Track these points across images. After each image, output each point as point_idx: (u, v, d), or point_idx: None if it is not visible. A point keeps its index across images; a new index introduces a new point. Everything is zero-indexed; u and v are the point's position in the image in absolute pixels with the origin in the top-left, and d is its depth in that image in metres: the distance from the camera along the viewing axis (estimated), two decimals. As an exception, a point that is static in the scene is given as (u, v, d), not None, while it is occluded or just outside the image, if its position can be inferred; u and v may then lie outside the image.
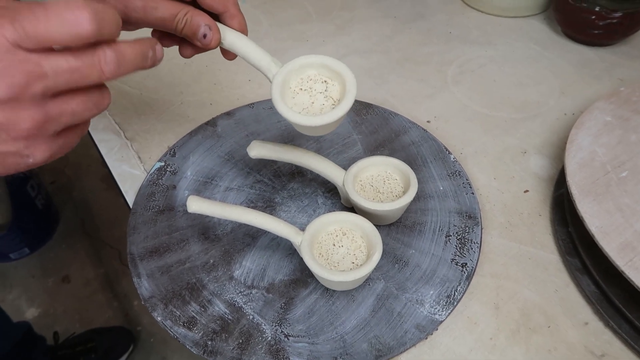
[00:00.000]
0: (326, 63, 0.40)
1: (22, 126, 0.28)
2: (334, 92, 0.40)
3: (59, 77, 0.27)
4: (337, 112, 0.38)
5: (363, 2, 0.82)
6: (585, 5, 0.66)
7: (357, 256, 0.44)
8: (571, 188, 0.46)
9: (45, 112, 0.28)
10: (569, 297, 0.45)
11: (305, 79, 0.41)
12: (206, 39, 0.37)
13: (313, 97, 0.40)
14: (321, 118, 0.38)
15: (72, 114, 0.29)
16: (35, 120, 0.28)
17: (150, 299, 0.44)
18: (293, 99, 0.40)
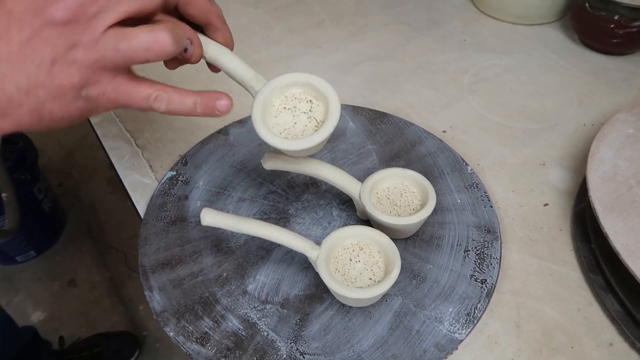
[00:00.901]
0: (311, 82, 0.39)
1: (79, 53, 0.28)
2: (318, 113, 0.39)
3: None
4: (317, 137, 0.37)
5: (376, 8, 0.81)
6: (604, 13, 0.65)
7: (374, 272, 0.42)
8: (594, 203, 0.45)
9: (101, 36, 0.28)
10: (592, 316, 0.44)
11: (289, 97, 0.39)
12: (187, 53, 0.35)
13: (296, 117, 0.39)
14: (299, 143, 0.37)
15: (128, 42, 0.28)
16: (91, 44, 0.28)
17: (162, 314, 0.43)
18: (275, 118, 0.39)
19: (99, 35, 0.28)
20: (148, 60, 0.30)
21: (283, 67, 0.70)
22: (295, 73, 0.39)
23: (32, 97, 0.28)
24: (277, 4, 0.82)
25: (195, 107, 0.33)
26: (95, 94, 0.30)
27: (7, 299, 1.32)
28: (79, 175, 1.65)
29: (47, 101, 0.29)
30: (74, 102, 0.30)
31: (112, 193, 1.58)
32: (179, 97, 0.32)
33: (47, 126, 0.30)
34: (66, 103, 0.29)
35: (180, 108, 0.33)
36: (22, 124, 0.30)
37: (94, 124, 0.62)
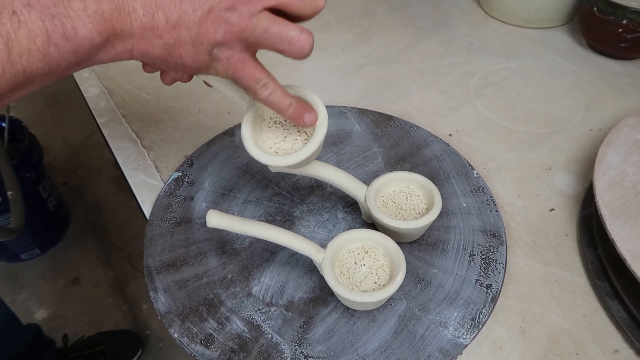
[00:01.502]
0: (300, 94, 0.39)
1: (233, 16, 0.30)
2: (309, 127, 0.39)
3: None
4: (304, 152, 0.37)
5: (383, 11, 0.81)
6: (612, 18, 0.65)
7: (379, 276, 0.42)
8: (601, 209, 0.45)
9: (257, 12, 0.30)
10: (598, 322, 0.43)
11: None
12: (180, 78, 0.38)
13: (287, 130, 0.40)
14: (287, 159, 0.37)
15: (279, 29, 0.31)
16: (247, 15, 0.30)
17: (167, 315, 0.43)
18: (266, 132, 0.40)
19: (256, 11, 0.30)
20: (282, 52, 0.32)
21: (289, 69, 0.70)
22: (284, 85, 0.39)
23: (175, 33, 0.30)
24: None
25: (289, 108, 0.35)
26: (224, 56, 0.32)
27: (11, 296, 1.32)
28: (84, 173, 1.65)
29: (184, 42, 0.31)
30: (203, 54, 0.32)
31: (116, 192, 1.58)
32: (282, 93, 0.35)
33: (168, 65, 0.33)
34: (197, 52, 0.32)
35: (277, 102, 0.35)
36: (150, 54, 0.31)
37: (100, 124, 0.63)
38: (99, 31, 0.28)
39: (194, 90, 0.66)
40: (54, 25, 0.27)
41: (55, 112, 1.88)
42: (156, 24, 0.30)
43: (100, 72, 0.69)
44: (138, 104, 0.65)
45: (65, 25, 0.27)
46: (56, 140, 1.76)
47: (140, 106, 0.64)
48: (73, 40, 0.28)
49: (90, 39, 0.28)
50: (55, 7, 0.27)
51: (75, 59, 0.29)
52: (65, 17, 0.27)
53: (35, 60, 0.27)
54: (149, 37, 0.30)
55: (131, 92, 0.66)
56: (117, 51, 0.30)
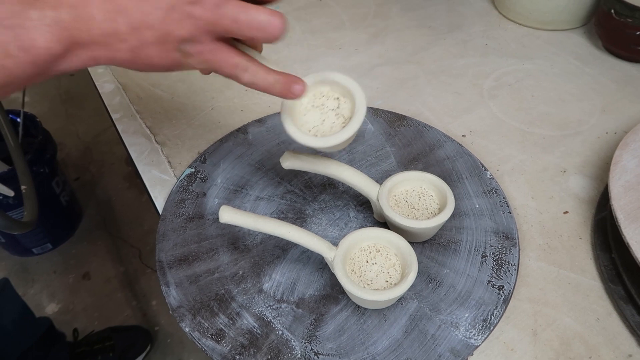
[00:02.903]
0: (338, 80, 0.39)
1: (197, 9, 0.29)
2: (345, 110, 0.40)
3: None
4: (344, 134, 0.38)
5: (397, 11, 0.81)
6: (630, 20, 0.64)
7: (391, 274, 0.42)
8: (616, 212, 0.44)
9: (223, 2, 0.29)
10: (611, 326, 0.43)
11: (317, 95, 0.40)
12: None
13: (324, 114, 0.40)
14: (328, 140, 0.38)
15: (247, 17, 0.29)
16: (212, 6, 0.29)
17: (178, 309, 0.44)
18: (304, 117, 0.40)
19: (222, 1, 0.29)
20: (253, 39, 0.31)
21: (303, 67, 0.70)
22: (322, 72, 0.39)
23: (138, 35, 0.29)
24: (298, 5, 0.82)
25: (274, 85, 0.34)
26: (194, 51, 0.31)
27: (23, 290, 1.34)
28: (96, 170, 1.67)
29: (149, 44, 0.29)
30: (172, 52, 0.30)
31: (128, 188, 1.60)
32: (264, 72, 0.33)
33: (138, 68, 0.31)
34: (165, 50, 0.30)
35: (261, 82, 0.34)
36: (117, 60, 0.30)
37: (114, 119, 0.63)
38: (58, 41, 0.27)
39: (207, 88, 0.67)
40: (10, 37, 0.26)
41: (69, 109, 1.90)
42: (117, 28, 0.28)
43: (115, 68, 0.70)
44: (152, 100, 0.65)
45: (22, 36, 0.26)
46: (69, 136, 1.78)
47: (154, 102, 0.65)
48: (30, 51, 0.27)
49: (48, 49, 0.27)
50: (12, 18, 0.26)
51: (34, 70, 0.28)
52: (21, 28, 0.26)
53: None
54: (112, 43, 0.29)
55: (145, 88, 0.67)
56: (81, 59, 0.29)
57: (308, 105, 0.40)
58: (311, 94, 0.40)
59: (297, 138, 0.38)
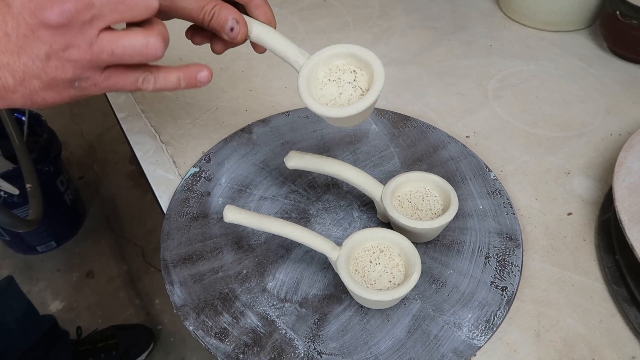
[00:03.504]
0: (354, 52, 0.39)
1: (73, 53, 0.29)
2: (363, 82, 0.39)
3: (105, 7, 0.29)
4: (363, 102, 0.37)
5: (401, 11, 0.81)
6: (635, 22, 0.64)
7: (394, 275, 0.42)
8: (620, 214, 0.44)
9: (95, 39, 0.29)
10: (614, 328, 0.43)
11: (333, 69, 0.40)
12: (233, 33, 0.36)
13: (341, 87, 0.39)
14: (346, 109, 0.37)
15: (123, 48, 0.30)
16: (85, 47, 0.29)
17: (182, 308, 0.44)
18: (320, 90, 0.39)
19: (93, 39, 0.29)
20: (139, 63, 0.31)
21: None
22: (337, 45, 0.39)
23: (27, 85, 0.30)
24: (302, 5, 0.82)
25: (179, 82, 0.35)
26: (88, 85, 0.31)
27: (27, 287, 1.35)
28: (100, 168, 1.67)
29: (40, 90, 0.30)
30: (66, 90, 0.31)
31: (131, 187, 1.60)
32: (164, 75, 0.34)
33: (37, 107, 0.32)
34: (58, 92, 0.31)
35: (166, 85, 0.34)
36: (15, 105, 0.31)
37: (120, 119, 0.63)
38: None
39: (211, 88, 0.67)
40: None
41: (74, 108, 1.90)
42: (5, 82, 0.29)
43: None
44: (157, 99, 0.65)
45: None
46: (74, 135, 1.79)
47: (159, 102, 0.65)
48: None
49: None
50: None
51: None
52: None
53: None
54: (4, 95, 0.30)
55: (151, 88, 0.67)
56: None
57: (324, 79, 0.39)
58: (327, 68, 0.40)
59: (315, 109, 0.37)
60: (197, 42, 0.40)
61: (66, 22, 0.28)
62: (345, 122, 0.39)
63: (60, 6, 0.27)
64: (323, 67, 0.39)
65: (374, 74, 0.38)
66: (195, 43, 0.40)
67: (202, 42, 0.40)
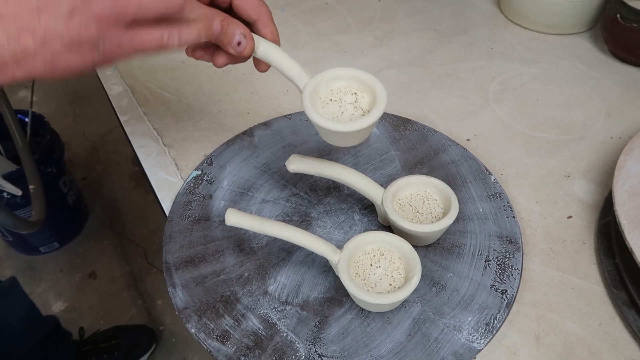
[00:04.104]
0: (356, 75, 0.40)
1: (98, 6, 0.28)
2: (364, 104, 0.40)
3: None
4: (368, 119, 0.38)
5: (403, 14, 0.81)
6: (636, 25, 0.64)
7: (394, 278, 0.43)
8: (620, 218, 0.44)
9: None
10: (614, 332, 0.43)
11: (335, 90, 0.41)
12: (240, 47, 0.37)
13: (342, 107, 0.40)
14: (351, 124, 0.38)
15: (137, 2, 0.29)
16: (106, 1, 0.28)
17: (184, 310, 0.44)
18: (322, 109, 0.40)
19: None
20: (164, 12, 0.31)
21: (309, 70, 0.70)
22: (339, 67, 0.40)
23: (48, 47, 0.28)
24: (304, 8, 0.83)
25: (200, 32, 0.34)
26: (112, 45, 0.30)
27: (30, 288, 1.35)
28: (103, 169, 1.68)
29: (62, 52, 0.29)
30: (90, 53, 0.30)
31: (134, 188, 1.61)
32: (187, 30, 0.33)
33: (59, 76, 0.30)
34: (82, 54, 0.30)
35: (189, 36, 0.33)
36: (35, 73, 0.30)
37: (122, 121, 0.64)
38: None
39: (214, 91, 0.67)
40: None
41: (77, 109, 1.91)
42: (24, 46, 0.28)
43: (123, 70, 0.71)
44: (159, 102, 0.66)
45: None
46: (76, 135, 1.80)
47: (161, 105, 0.65)
48: None
49: None
50: None
51: None
52: None
53: None
54: (24, 61, 0.29)
55: (153, 90, 0.67)
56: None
57: (326, 99, 0.40)
58: (328, 89, 0.40)
59: (318, 122, 0.38)
60: (198, 56, 0.40)
61: None
62: (347, 138, 0.39)
63: None
64: (325, 88, 0.40)
65: (377, 93, 0.39)
66: (195, 57, 0.40)
67: (202, 57, 0.41)
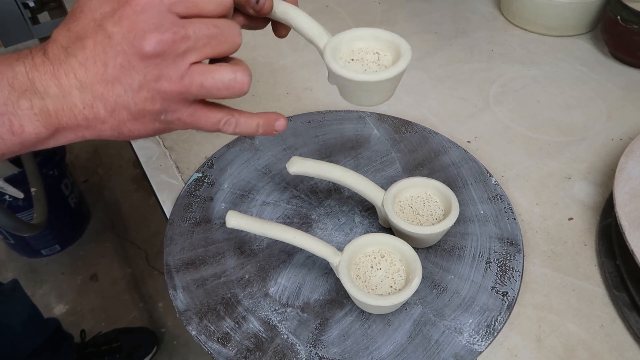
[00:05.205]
0: (377, 35, 0.38)
1: (164, 84, 0.30)
2: (386, 62, 0.39)
3: (199, 40, 0.30)
4: (394, 69, 0.36)
5: (403, 16, 0.82)
6: (636, 27, 0.64)
7: (395, 280, 0.43)
8: (621, 219, 0.44)
9: (186, 72, 0.30)
10: (615, 333, 0.43)
11: (356, 50, 0.39)
12: (259, 4, 0.36)
13: (365, 65, 0.39)
14: (379, 74, 0.36)
15: (212, 80, 0.31)
16: (177, 78, 0.30)
17: (185, 312, 0.44)
18: (345, 68, 0.38)
19: (185, 71, 0.30)
20: (225, 97, 0.32)
21: (309, 72, 0.70)
22: (360, 28, 0.39)
23: (116, 116, 0.31)
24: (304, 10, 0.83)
25: (258, 128, 0.36)
26: (173, 119, 0.32)
27: (32, 290, 1.35)
28: (104, 172, 1.68)
29: (128, 121, 0.31)
30: (152, 123, 0.32)
31: (135, 191, 1.61)
32: (245, 121, 0.35)
33: (123, 139, 0.33)
34: (144, 124, 0.32)
35: (245, 130, 0.36)
36: (103, 136, 0.33)
37: (123, 124, 0.64)
38: (46, 127, 0.30)
39: (215, 93, 0.67)
40: (2, 122, 0.29)
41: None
42: (97, 113, 0.31)
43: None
44: (161, 105, 0.66)
45: (13, 122, 0.29)
46: (78, 138, 1.80)
47: (162, 107, 0.65)
48: (20, 135, 0.30)
49: (37, 134, 0.30)
50: (4, 106, 0.29)
51: (22, 149, 0.31)
52: (13, 115, 0.29)
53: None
54: (94, 125, 0.31)
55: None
56: (68, 138, 0.32)
57: (347, 59, 0.39)
58: (349, 49, 0.39)
59: (342, 73, 0.36)
60: None
61: (162, 52, 0.29)
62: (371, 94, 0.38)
63: (158, 36, 0.29)
64: (346, 47, 0.39)
65: (401, 48, 0.37)
66: None
67: None
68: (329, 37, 0.38)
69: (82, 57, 0.29)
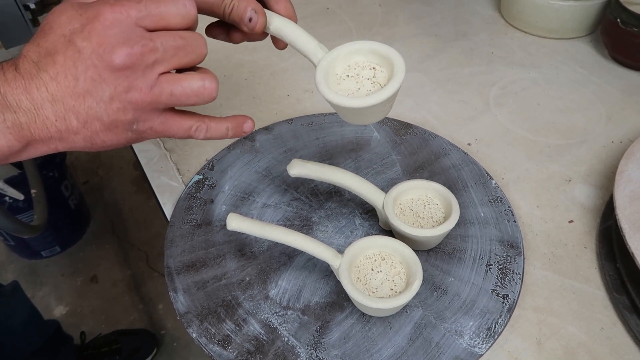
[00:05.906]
0: (375, 48, 0.38)
1: (135, 95, 0.31)
2: (382, 79, 0.38)
3: (167, 52, 0.31)
4: (384, 93, 0.36)
5: (404, 19, 0.82)
6: (636, 29, 0.64)
7: (395, 282, 0.43)
8: (621, 222, 0.45)
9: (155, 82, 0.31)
10: (616, 336, 0.43)
11: (352, 65, 0.39)
12: (252, 23, 0.37)
13: (359, 83, 0.39)
14: (365, 99, 0.36)
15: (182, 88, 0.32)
16: (147, 89, 0.31)
17: (185, 315, 0.44)
18: (338, 85, 0.39)
19: (154, 81, 0.31)
20: (194, 104, 0.33)
21: (310, 74, 0.70)
22: (357, 41, 0.39)
23: (89, 127, 0.32)
24: (305, 13, 0.83)
25: (227, 132, 0.37)
26: (145, 128, 0.33)
27: (32, 292, 1.35)
28: (104, 173, 1.68)
29: (100, 131, 0.32)
30: (124, 133, 0.33)
31: (136, 192, 1.61)
32: (215, 125, 0.36)
33: (96, 150, 0.34)
34: (117, 134, 0.33)
35: (216, 134, 0.37)
36: (75, 147, 0.33)
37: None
38: (18, 140, 0.31)
39: (215, 95, 0.67)
40: None
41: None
42: (69, 125, 0.31)
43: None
44: (161, 107, 0.66)
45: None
46: (78, 140, 1.80)
47: (163, 109, 0.66)
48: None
49: (9, 147, 0.31)
50: None
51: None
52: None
53: None
54: (67, 137, 0.32)
55: (155, 95, 0.68)
56: (41, 151, 0.33)
57: (343, 75, 0.39)
58: (346, 64, 0.39)
59: (332, 99, 0.36)
60: (215, 34, 0.41)
61: (131, 64, 0.30)
62: (362, 116, 0.38)
63: (127, 49, 0.30)
64: (342, 63, 0.39)
65: (395, 67, 0.37)
66: (212, 36, 0.40)
67: (218, 36, 0.41)
68: (324, 52, 0.38)
69: (53, 72, 0.30)
